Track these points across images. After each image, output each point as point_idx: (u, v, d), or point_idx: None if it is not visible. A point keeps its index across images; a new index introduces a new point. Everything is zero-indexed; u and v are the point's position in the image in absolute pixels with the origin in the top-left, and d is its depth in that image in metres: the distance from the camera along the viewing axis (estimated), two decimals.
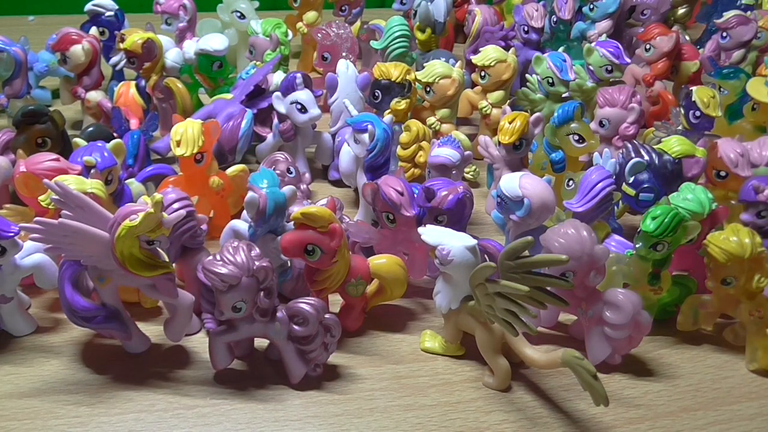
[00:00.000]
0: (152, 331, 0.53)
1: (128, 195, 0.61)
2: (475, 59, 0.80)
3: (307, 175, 0.70)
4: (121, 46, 0.80)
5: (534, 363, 0.49)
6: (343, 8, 1.02)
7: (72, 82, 0.81)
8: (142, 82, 0.80)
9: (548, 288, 0.45)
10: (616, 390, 0.51)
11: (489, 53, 0.79)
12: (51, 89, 0.91)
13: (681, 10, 1.10)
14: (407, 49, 0.87)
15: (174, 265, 0.51)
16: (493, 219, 0.63)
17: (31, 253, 0.52)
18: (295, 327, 0.48)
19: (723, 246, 0.51)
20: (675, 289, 0.57)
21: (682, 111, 0.71)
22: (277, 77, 0.81)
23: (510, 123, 0.65)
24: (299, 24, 1.00)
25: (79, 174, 0.56)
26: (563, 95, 0.77)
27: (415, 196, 0.57)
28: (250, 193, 0.52)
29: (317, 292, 0.53)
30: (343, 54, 0.85)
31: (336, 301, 0.56)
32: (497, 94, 0.80)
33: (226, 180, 0.64)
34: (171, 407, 0.48)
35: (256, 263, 0.46)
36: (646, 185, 0.60)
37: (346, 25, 0.90)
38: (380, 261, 0.55)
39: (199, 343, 0.53)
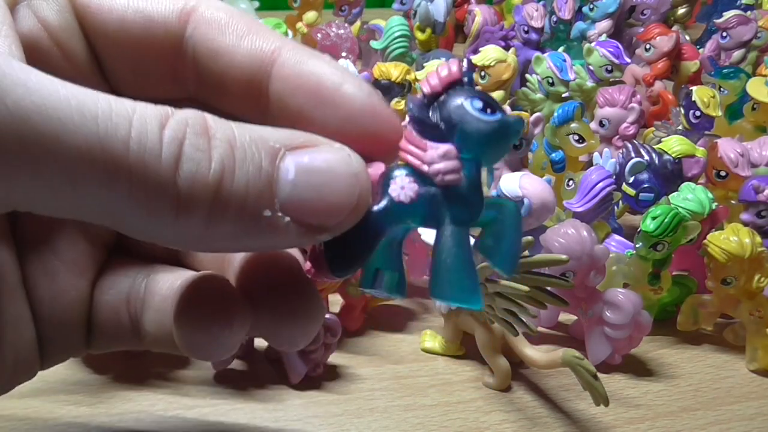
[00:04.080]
0: None
1: None
2: (475, 59, 0.80)
3: None
4: None
5: (534, 363, 0.49)
6: (343, 8, 1.02)
7: None
8: None
9: (548, 288, 0.45)
10: (616, 390, 0.51)
11: (489, 53, 0.79)
12: None
13: (681, 10, 1.10)
14: (407, 49, 0.87)
15: None
16: None
17: None
18: None
19: (723, 246, 0.51)
20: (675, 289, 0.57)
21: (682, 111, 0.71)
22: None
23: None
24: (299, 24, 1.00)
25: None
26: (563, 95, 0.77)
27: None
28: None
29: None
30: (343, 54, 0.85)
31: (336, 301, 0.56)
32: (497, 94, 0.80)
33: None
34: (171, 407, 0.48)
35: None
36: (646, 185, 0.60)
37: (346, 25, 0.90)
38: None
39: None
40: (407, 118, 0.21)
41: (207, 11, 0.22)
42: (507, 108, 0.70)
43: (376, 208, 0.20)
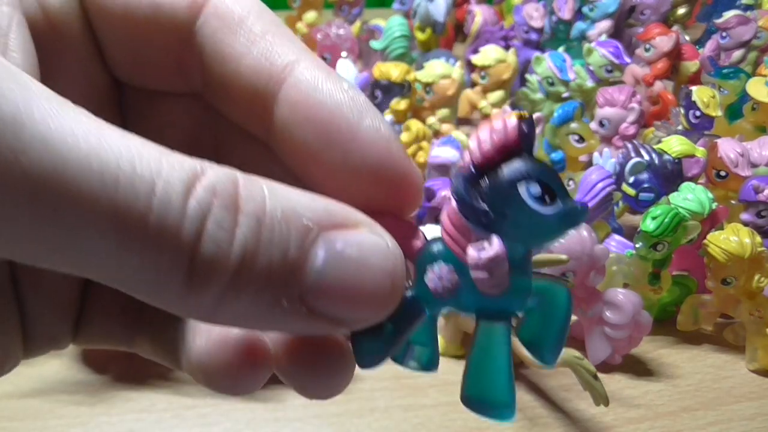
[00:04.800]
0: None
1: None
2: (475, 59, 0.80)
3: None
4: None
5: (534, 363, 0.49)
6: (343, 8, 1.02)
7: None
8: None
9: None
10: (616, 390, 0.51)
11: (489, 53, 0.79)
12: None
13: (681, 10, 1.10)
14: (407, 49, 0.87)
15: None
16: None
17: None
18: None
19: (723, 246, 0.51)
20: (675, 289, 0.57)
21: (682, 111, 0.71)
22: None
23: None
24: (299, 24, 1.00)
25: None
26: (563, 95, 0.77)
27: None
28: None
29: None
30: (343, 54, 0.85)
31: None
32: (497, 94, 0.80)
33: None
34: (171, 407, 0.48)
35: None
36: (646, 185, 0.60)
37: (346, 25, 0.90)
38: None
39: None
40: (451, 193, 0.17)
41: (221, 3, 0.19)
42: (507, 108, 0.70)
43: (409, 294, 0.18)
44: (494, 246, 0.16)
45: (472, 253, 0.17)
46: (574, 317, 0.56)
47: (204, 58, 0.20)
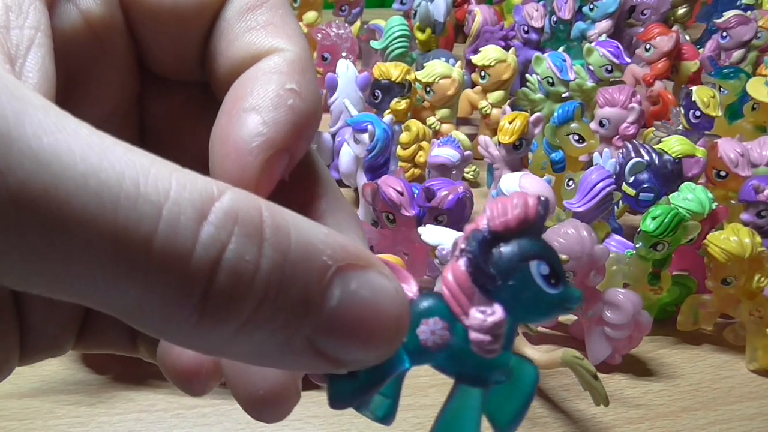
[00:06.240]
0: None
1: None
2: (475, 59, 0.80)
3: None
4: None
5: (534, 363, 0.49)
6: (343, 8, 1.02)
7: None
8: None
9: None
10: (616, 390, 0.51)
11: (489, 53, 0.79)
12: None
13: (681, 10, 1.10)
14: (407, 49, 0.87)
15: None
16: None
17: None
18: None
19: (723, 246, 0.51)
20: (675, 289, 0.57)
21: (682, 111, 0.71)
22: None
23: (510, 123, 0.65)
24: (299, 24, 1.00)
25: None
26: (563, 95, 0.77)
27: (415, 196, 0.57)
28: None
29: None
30: (343, 54, 0.85)
31: None
32: (497, 94, 0.80)
33: None
34: (171, 407, 0.48)
35: None
36: (646, 185, 0.60)
37: (346, 25, 0.90)
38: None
39: None
40: (460, 249, 0.17)
41: None
42: (507, 108, 0.70)
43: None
44: (498, 312, 0.17)
45: (478, 315, 0.17)
46: (574, 317, 0.56)
47: (210, 38, 0.20)
